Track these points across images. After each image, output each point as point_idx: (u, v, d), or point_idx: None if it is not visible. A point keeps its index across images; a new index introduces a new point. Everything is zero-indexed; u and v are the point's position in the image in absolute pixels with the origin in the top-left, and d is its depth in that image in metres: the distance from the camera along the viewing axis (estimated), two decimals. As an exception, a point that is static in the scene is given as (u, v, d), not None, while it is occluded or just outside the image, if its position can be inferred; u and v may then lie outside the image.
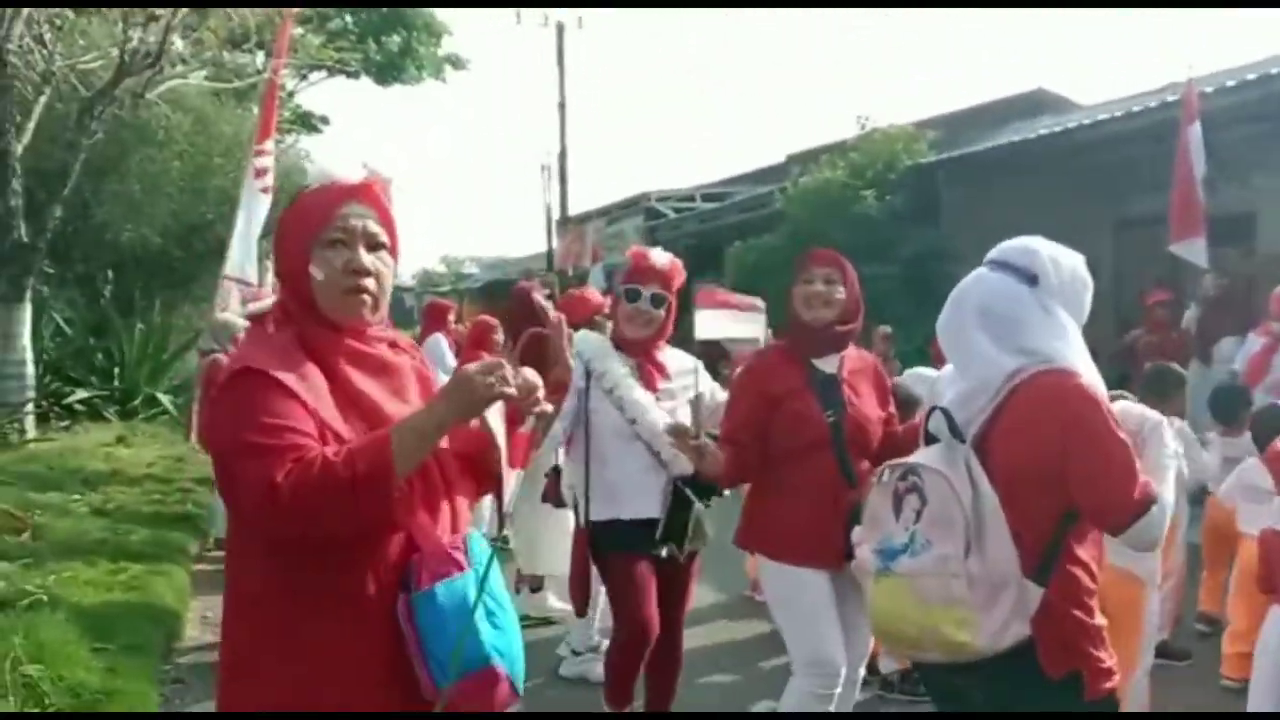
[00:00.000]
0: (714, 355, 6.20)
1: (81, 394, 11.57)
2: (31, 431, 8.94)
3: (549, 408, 2.07)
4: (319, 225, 1.89)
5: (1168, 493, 4.07)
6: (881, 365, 3.68)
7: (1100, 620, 2.21)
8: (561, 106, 24.17)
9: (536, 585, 5.54)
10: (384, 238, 1.93)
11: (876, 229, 11.36)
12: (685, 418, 3.43)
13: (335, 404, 1.80)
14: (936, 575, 2.07)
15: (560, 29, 24.63)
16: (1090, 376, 2.19)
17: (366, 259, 1.87)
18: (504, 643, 1.80)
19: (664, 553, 3.52)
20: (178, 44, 9.66)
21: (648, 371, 3.65)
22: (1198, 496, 4.95)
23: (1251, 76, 9.15)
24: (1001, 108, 15.64)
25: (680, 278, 3.71)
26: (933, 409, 2.26)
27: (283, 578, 1.79)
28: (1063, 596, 2.14)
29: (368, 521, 1.73)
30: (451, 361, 8.14)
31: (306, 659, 1.78)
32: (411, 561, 1.79)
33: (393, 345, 1.99)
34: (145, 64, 9.02)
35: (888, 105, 42.95)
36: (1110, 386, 2.39)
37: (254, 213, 8.76)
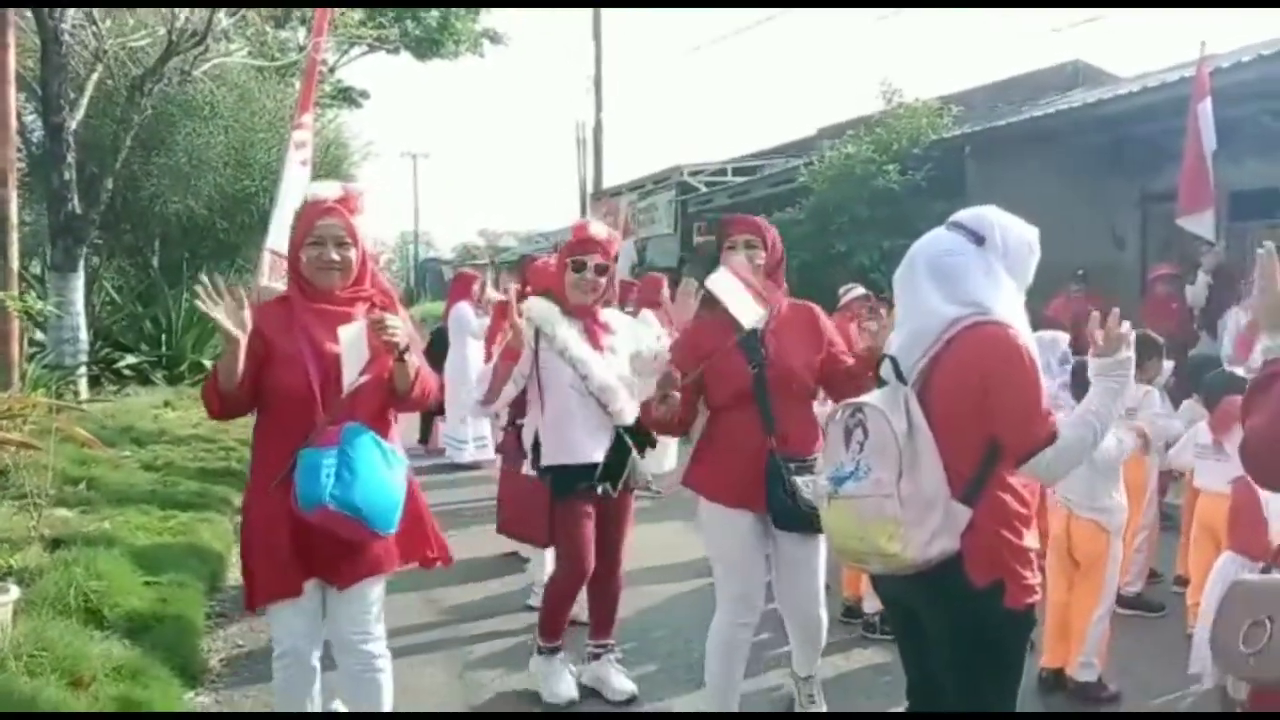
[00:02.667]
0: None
1: (131, 359, 12.09)
2: (85, 394, 9.40)
3: (401, 339, 2.92)
4: (305, 232, 3.03)
5: (1129, 440, 4.31)
6: (851, 322, 4.06)
7: (1030, 543, 2.51)
8: (597, 81, 24.39)
9: None
10: (348, 239, 3.02)
11: (899, 203, 11.51)
12: (627, 369, 4.01)
13: (293, 337, 2.98)
14: (873, 497, 2.42)
15: (598, 6, 24.81)
16: (1020, 327, 2.48)
17: (334, 254, 3.01)
18: (344, 493, 2.83)
19: (600, 490, 3.98)
20: (222, 21, 10.04)
21: (594, 332, 4.06)
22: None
23: (1267, 53, 9.21)
24: (1039, 79, 15.66)
25: (616, 246, 4.20)
26: (883, 356, 2.58)
27: (259, 426, 3.12)
28: (988, 516, 2.43)
29: (215, 408, 2.98)
30: (475, 329, 8.55)
31: (262, 474, 3.04)
32: (310, 435, 2.92)
33: (369, 302, 3.06)
34: (192, 42, 9.40)
35: (919, 78, 42.37)
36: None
37: (293, 185, 9.11)
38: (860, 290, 6.58)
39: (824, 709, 3.90)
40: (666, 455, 5.36)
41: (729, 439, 3.58)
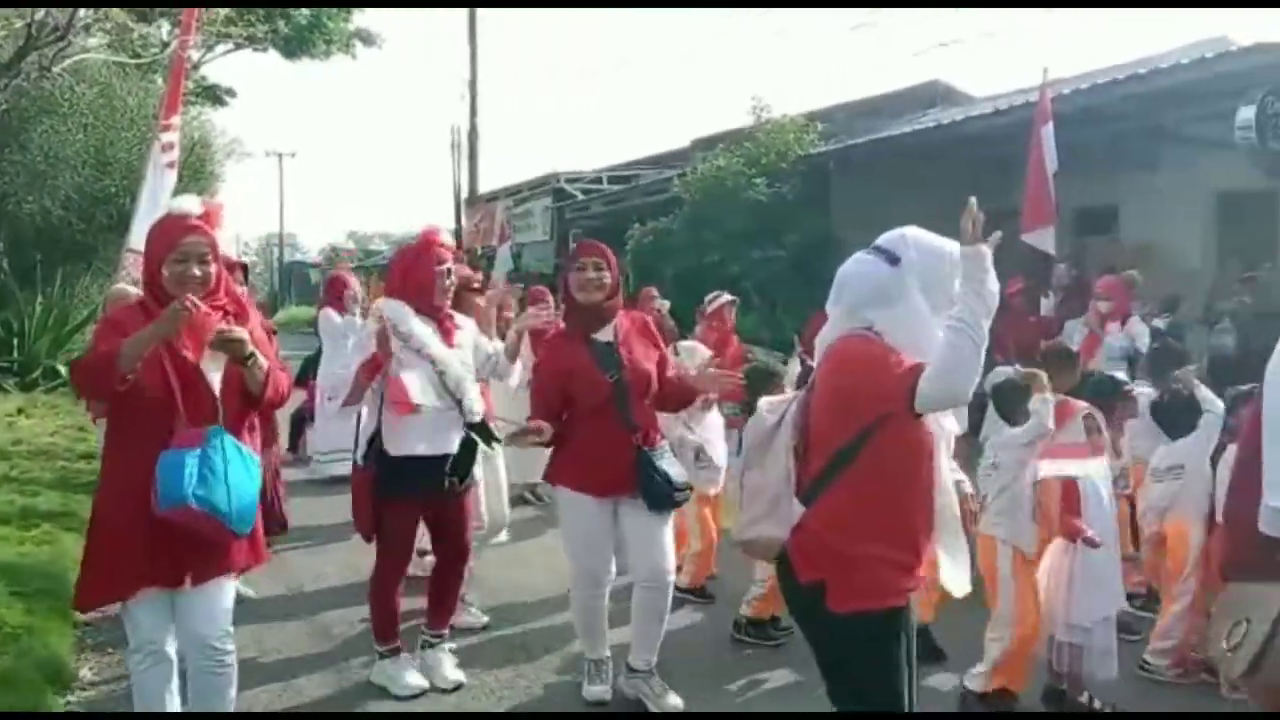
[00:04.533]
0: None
1: (-21, 366, 11.54)
2: (-69, 402, 8.97)
3: (243, 335, 3.07)
4: (168, 248, 3.10)
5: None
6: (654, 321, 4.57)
7: (871, 551, 2.53)
8: (472, 85, 24.31)
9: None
10: (210, 255, 3.13)
11: (767, 215, 11.93)
12: (473, 363, 4.30)
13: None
14: (733, 478, 2.76)
15: (473, 7, 24.72)
16: (893, 340, 2.54)
17: (196, 270, 3.09)
18: (206, 493, 2.94)
19: (447, 484, 4.17)
20: (82, 13, 9.70)
21: (447, 329, 4.27)
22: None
23: (1103, 80, 9.92)
24: (903, 99, 16.32)
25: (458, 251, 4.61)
26: (807, 367, 2.87)
27: (113, 430, 3.20)
28: (819, 518, 2.58)
29: (102, 385, 3.04)
30: (338, 333, 8.37)
31: (115, 476, 3.12)
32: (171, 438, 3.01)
33: (222, 310, 3.14)
34: (52, 37, 9.07)
35: (788, 95, 43.51)
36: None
37: (159, 188, 8.86)
38: (727, 296, 6.85)
39: (679, 702, 4.08)
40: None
41: (594, 440, 3.99)
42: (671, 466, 4.04)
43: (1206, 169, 10.10)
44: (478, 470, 4.44)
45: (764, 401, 2.81)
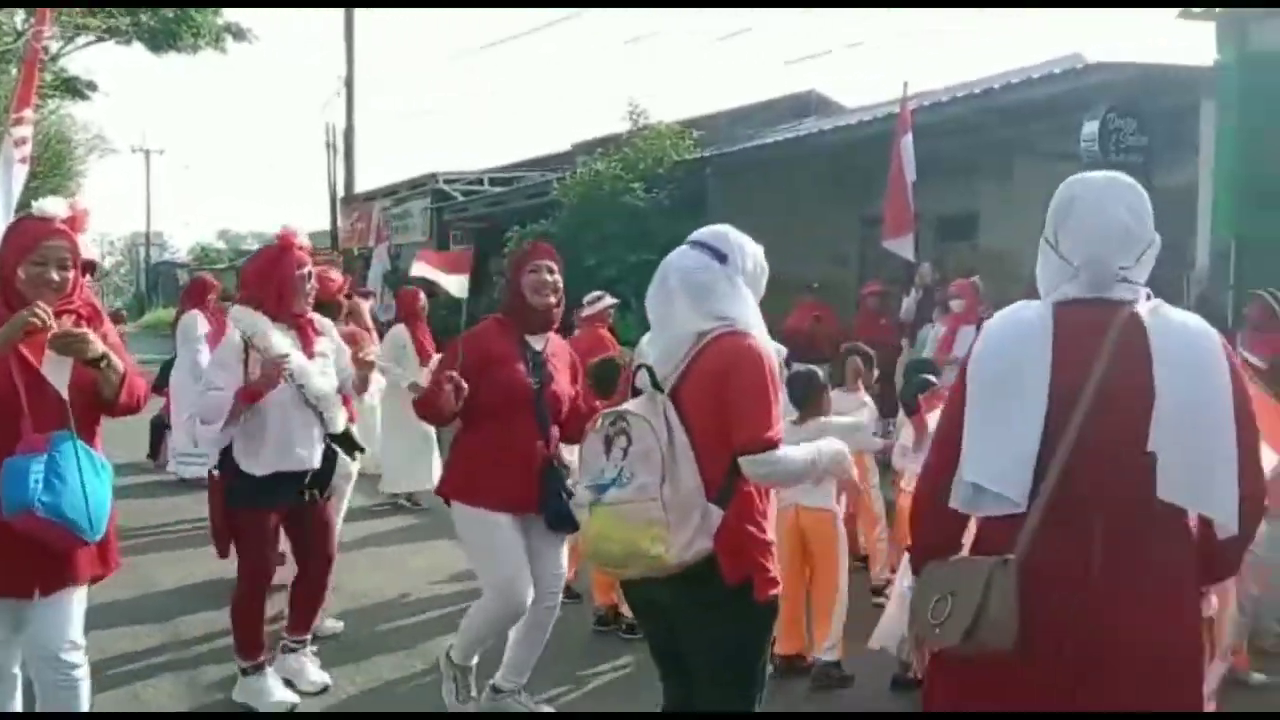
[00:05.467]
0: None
1: None
2: None
3: (85, 334, 2.94)
4: (27, 250, 3.01)
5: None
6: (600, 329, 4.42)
7: (770, 537, 2.73)
8: (349, 83, 23.83)
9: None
10: (70, 260, 3.04)
11: (645, 220, 12.08)
12: (335, 373, 4.16)
13: None
14: (638, 501, 2.52)
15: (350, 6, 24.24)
16: (761, 338, 2.71)
17: (55, 275, 3.01)
18: (54, 500, 2.85)
19: (306, 496, 4.09)
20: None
21: (308, 336, 4.13)
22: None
23: (961, 94, 10.37)
24: (779, 107, 16.73)
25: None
26: (639, 366, 2.76)
27: None
28: (739, 516, 2.61)
29: None
30: (200, 337, 8.12)
31: None
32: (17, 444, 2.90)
33: (75, 314, 3.04)
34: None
35: (666, 102, 44.22)
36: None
37: (9, 184, 8.48)
38: (609, 299, 6.93)
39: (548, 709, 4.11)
40: (434, 470, 5.49)
41: (504, 445, 3.76)
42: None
43: (1058, 179, 10.55)
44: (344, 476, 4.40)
45: (639, 408, 2.65)
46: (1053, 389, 2.05)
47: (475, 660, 3.99)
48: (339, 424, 4.16)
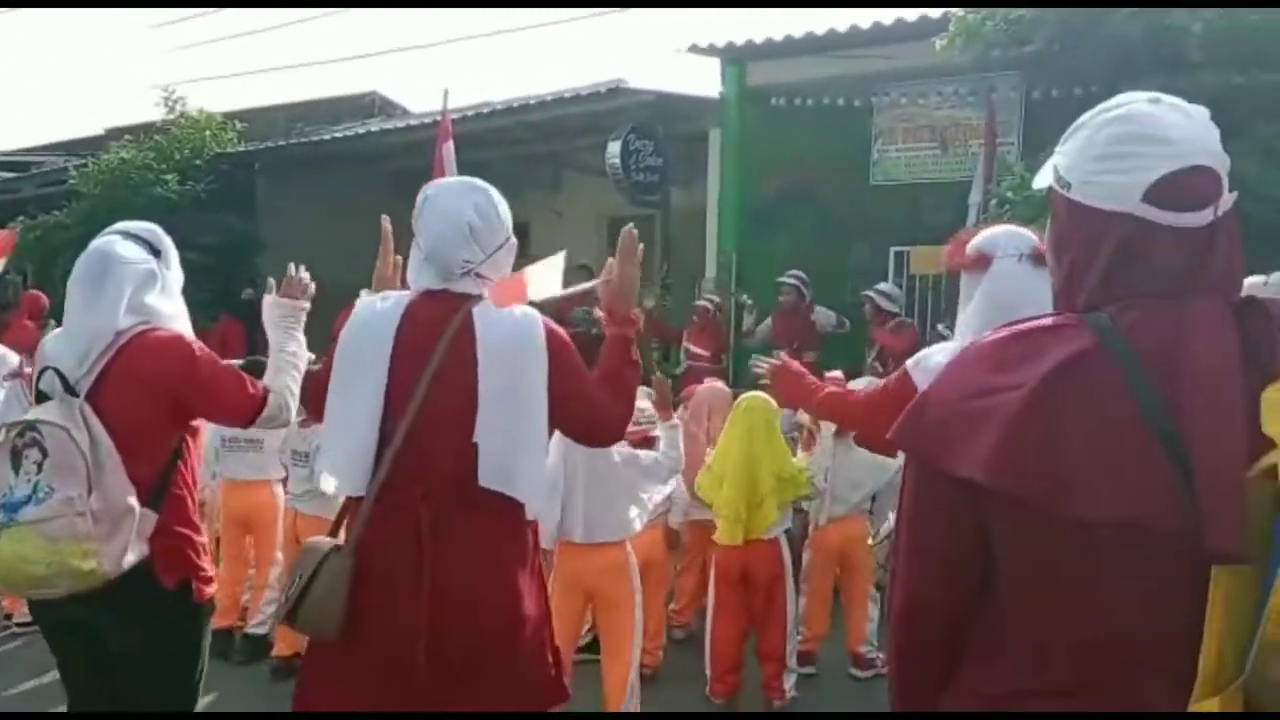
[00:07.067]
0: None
1: None
2: None
3: None
4: None
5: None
6: None
7: (203, 538, 2.66)
8: None
9: None
10: None
11: (178, 213, 11.23)
12: None
13: None
14: (63, 516, 2.32)
15: None
16: (185, 331, 2.64)
17: None
18: None
19: None
20: None
21: None
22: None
23: (501, 107, 10.71)
24: (342, 105, 16.21)
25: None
26: (44, 369, 2.51)
27: None
28: (173, 518, 2.55)
29: None
30: None
31: None
32: None
33: None
34: None
35: (212, 90, 41.72)
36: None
37: None
38: None
39: None
40: None
41: None
42: None
43: (596, 194, 11.27)
44: None
45: (53, 415, 2.41)
46: (391, 379, 2.14)
47: None
48: None
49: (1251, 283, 2.37)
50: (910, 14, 7.84)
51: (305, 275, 2.86)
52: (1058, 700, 1.27)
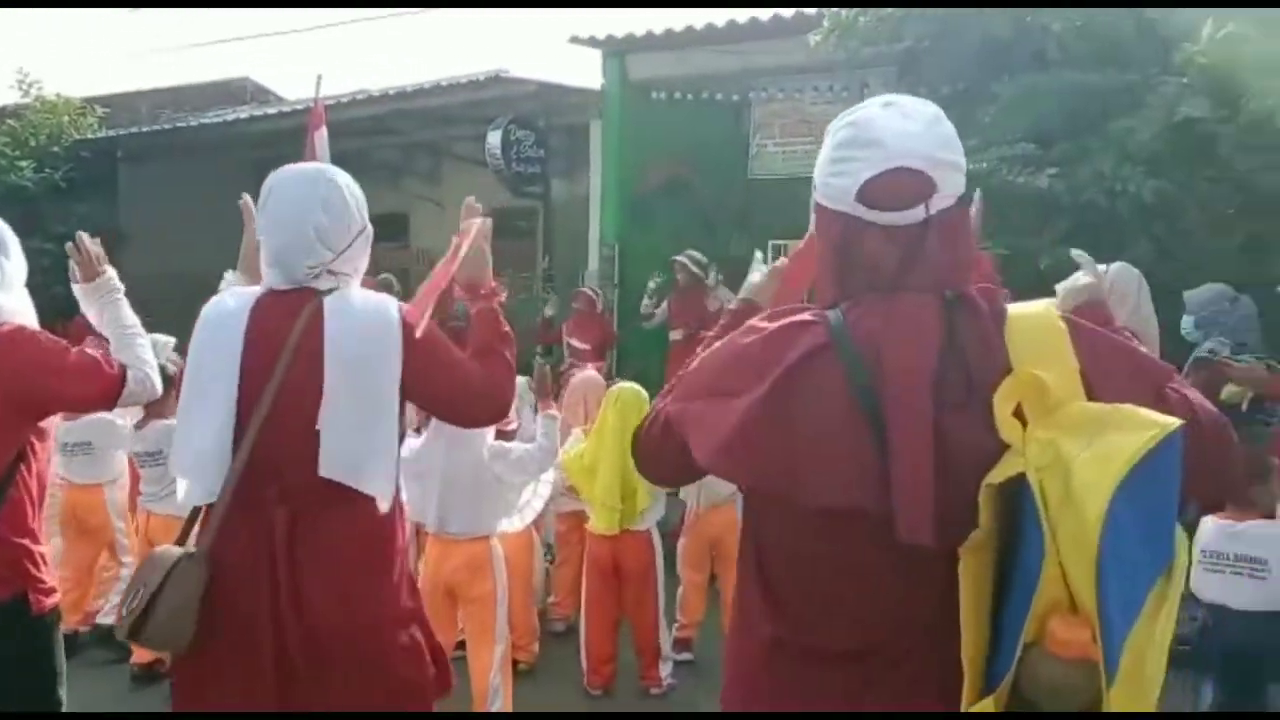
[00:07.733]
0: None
1: None
2: None
3: None
4: None
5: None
6: None
7: (43, 548, 2.50)
8: None
9: None
10: None
11: (34, 202, 10.73)
12: None
13: None
14: None
15: None
16: (30, 323, 2.50)
17: None
18: None
19: None
20: None
21: None
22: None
23: (378, 93, 10.51)
24: (212, 92, 15.64)
25: None
26: None
27: None
28: (9, 527, 2.39)
29: None
30: None
31: None
32: None
33: None
34: None
35: (70, 74, 39.55)
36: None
37: None
38: None
39: None
40: None
41: None
42: None
43: (477, 185, 11.14)
44: None
45: None
46: (242, 380, 2.06)
47: None
48: None
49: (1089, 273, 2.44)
50: (787, 11, 7.97)
51: (88, 240, 2.70)
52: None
